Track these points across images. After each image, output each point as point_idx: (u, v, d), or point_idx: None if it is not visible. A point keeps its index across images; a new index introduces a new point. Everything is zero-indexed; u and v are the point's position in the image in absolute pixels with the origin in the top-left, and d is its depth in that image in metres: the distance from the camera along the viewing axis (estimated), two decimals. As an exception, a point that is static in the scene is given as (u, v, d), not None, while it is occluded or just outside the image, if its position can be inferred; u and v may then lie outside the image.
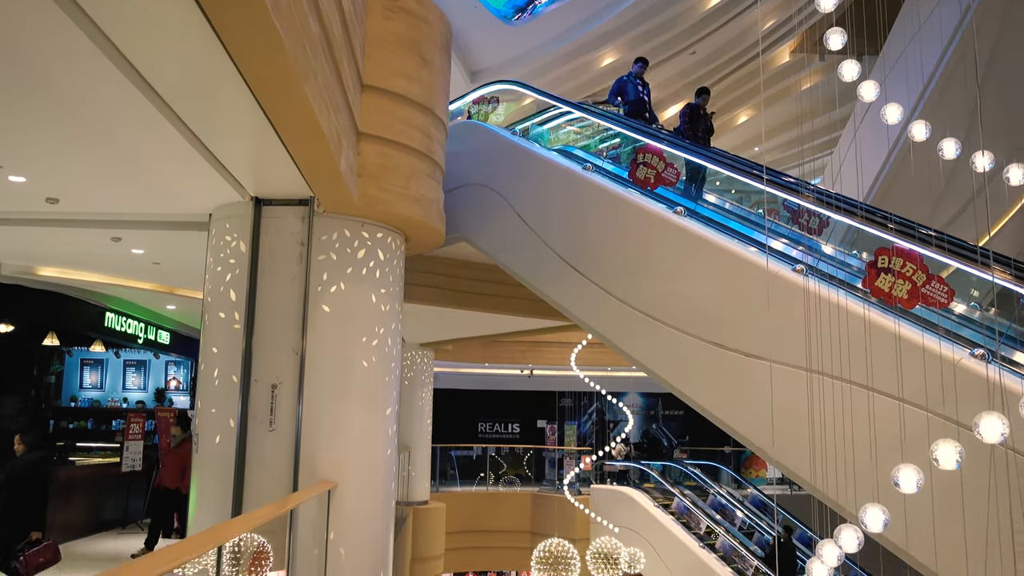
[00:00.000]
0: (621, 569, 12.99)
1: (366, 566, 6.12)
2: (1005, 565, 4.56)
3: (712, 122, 10.18)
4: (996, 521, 4.58)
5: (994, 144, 4.64)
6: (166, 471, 10.50)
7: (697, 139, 9.61)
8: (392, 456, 6.50)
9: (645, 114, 10.10)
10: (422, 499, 14.73)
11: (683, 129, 9.72)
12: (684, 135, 9.54)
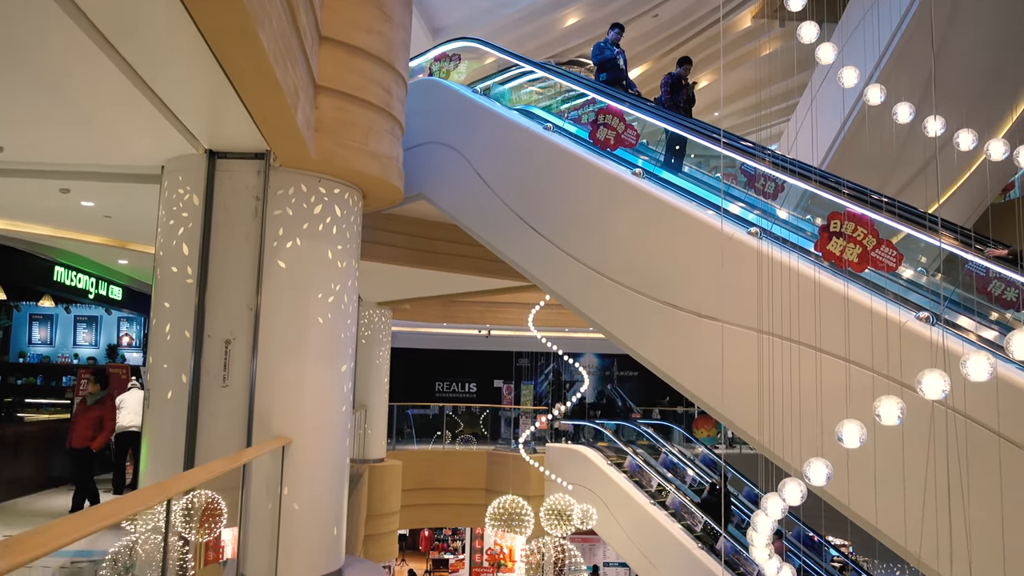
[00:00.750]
0: (574, 525, 13.26)
1: (320, 521, 6.15)
2: (941, 520, 4.76)
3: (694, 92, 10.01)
4: (934, 478, 4.77)
5: (948, 112, 4.73)
6: (76, 429, 9.98)
7: (678, 109, 9.47)
8: (347, 413, 6.51)
9: (623, 82, 9.96)
10: (378, 457, 14.80)
11: (664, 99, 9.58)
12: (665, 105, 9.44)
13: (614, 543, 15.46)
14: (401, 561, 23.85)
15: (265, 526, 5.77)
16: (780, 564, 4.35)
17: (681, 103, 9.60)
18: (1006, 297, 5.93)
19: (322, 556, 6.21)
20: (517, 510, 13.80)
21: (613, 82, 9.68)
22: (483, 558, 21.01)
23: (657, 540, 14.01)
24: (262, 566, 5.75)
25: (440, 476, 17.20)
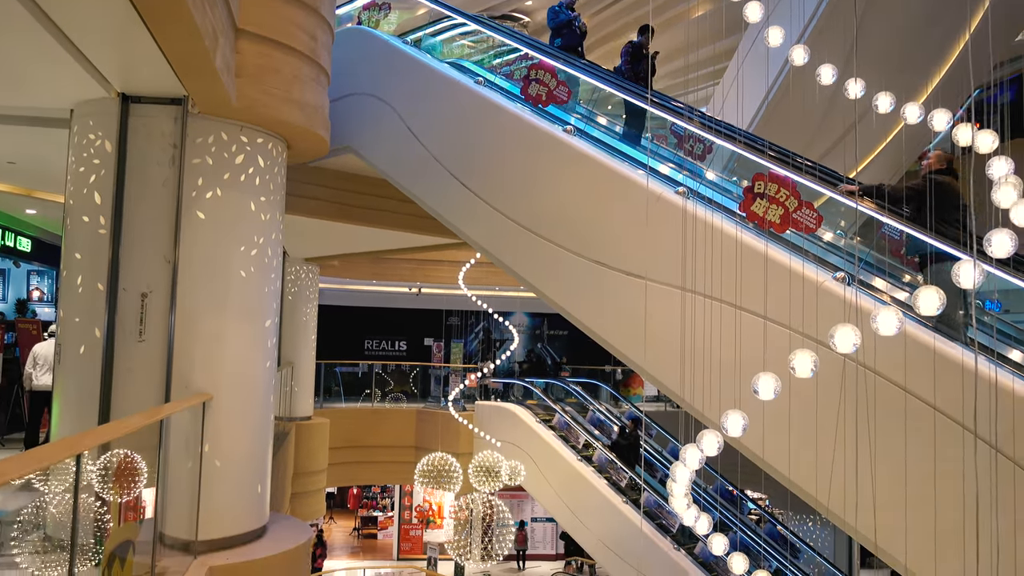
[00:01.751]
0: (502, 482, 13.43)
1: (243, 479, 6.06)
2: (849, 471, 4.98)
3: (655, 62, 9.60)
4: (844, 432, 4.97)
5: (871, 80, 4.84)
6: None
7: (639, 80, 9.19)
8: (271, 369, 6.39)
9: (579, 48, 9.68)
10: (305, 415, 14.65)
11: (624, 69, 9.32)
12: (624, 75, 9.20)
13: (542, 499, 15.75)
14: (329, 519, 23.85)
15: (185, 484, 5.65)
16: (698, 513, 4.49)
17: (642, 73, 9.34)
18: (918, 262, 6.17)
19: (245, 514, 6.12)
20: (446, 467, 13.90)
21: (568, 48, 9.37)
22: (412, 515, 21.15)
23: (584, 495, 14.32)
24: (183, 524, 5.64)
25: (369, 434, 17.16)
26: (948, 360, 5.01)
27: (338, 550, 21.58)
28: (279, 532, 6.47)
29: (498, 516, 13.06)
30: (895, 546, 5.19)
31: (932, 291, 3.44)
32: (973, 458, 4.68)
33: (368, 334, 22.74)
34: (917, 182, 5.78)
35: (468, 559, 13.04)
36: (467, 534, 12.99)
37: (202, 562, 5.45)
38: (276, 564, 5.89)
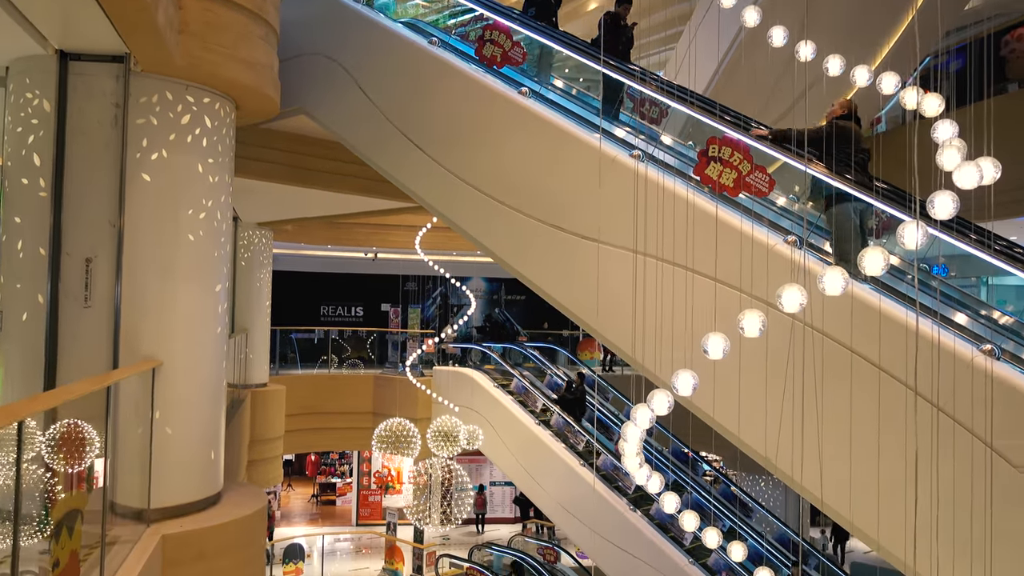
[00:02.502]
0: (460, 446, 13.52)
1: (195, 446, 5.99)
2: (796, 431, 5.10)
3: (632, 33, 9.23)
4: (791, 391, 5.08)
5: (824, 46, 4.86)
6: None
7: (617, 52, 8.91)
8: (222, 334, 6.29)
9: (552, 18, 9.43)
10: (261, 382, 14.51)
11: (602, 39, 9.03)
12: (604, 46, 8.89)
13: (500, 463, 15.89)
14: (287, 486, 23.81)
15: (136, 452, 5.57)
16: (650, 473, 4.57)
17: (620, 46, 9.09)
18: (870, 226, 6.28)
19: (199, 481, 6.07)
20: (404, 432, 13.94)
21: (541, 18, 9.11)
22: (371, 481, 21.21)
23: (541, 458, 14.48)
24: (134, 493, 5.58)
25: (326, 400, 17.09)
26: (893, 321, 5.13)
27: (297, 517, 21.58)
28: (234, 499, 6.43)
29: (457, 480, 13.16)
30: (840, 502, 5.35)
31: (877, 252, 3.51)
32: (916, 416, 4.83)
33: (324, 300, 22.53)
34: (820, 126, 5.93)
35: (427, 523, 13.15)
36: (426, 499, 13.08)
37: (155, 530, 5.40)
38: (231, 531, 5.86)
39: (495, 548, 16.53)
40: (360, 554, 17.90)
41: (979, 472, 4.99)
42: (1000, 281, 10.21)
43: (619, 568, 13.18)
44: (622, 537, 13.01)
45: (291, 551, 15.80)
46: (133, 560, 4.80)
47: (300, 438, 16.35)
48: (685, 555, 12.39)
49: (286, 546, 15.83)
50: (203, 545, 5.63)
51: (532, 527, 19.04)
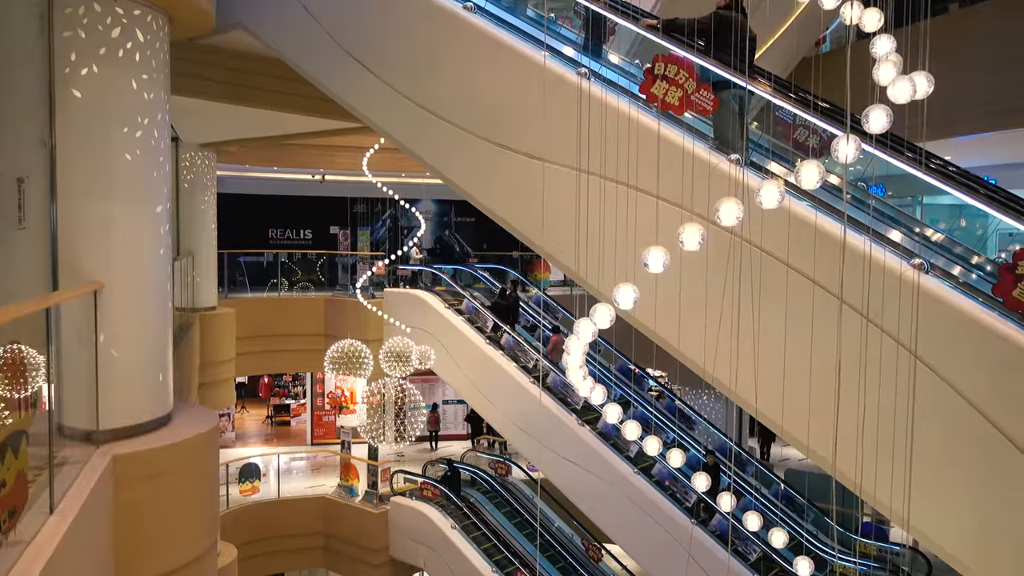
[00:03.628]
0: (412, 366, 13.67)
1: (142, 367, 5.98)
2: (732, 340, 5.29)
3: None
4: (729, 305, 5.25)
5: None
6: None
7: None
8: (165, 256, 6.21)
9: None
10: (209, 305, 14.38)
11: None
12: None
13: (452, 381, 16.15)
14: (241, 408, 23.88)
15: (82, 374, 5.54)
16: (593, 385, 4.72)
17: None
18: (809, 144, 6.40)
19: (148, 402, 6.08)
20: (356, 353, 14.02)
21: None
22: (324, 402, 21.38)
23: (492, 377, 14.75)
24: (82, 415, 5.57)
25: (277, 323, 17.03)
26: (828, 237, 5.30)
27: (252, 438, 21.74)
28: (185, 420, 6.47)
29: (410, 399, 13.36)
30: (773, 409, 5.61)
31: (812, 166, 3.61)
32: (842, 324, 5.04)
33: (272, 223, 22.16)
34: (706, 16, 6.02)
35: (381, 441, 13.37)
36: (379, 418, 13.27)
37: (105, 451, 5.43)
38: (182, 450, 5.92)
39: (448, 463, 16.95)
40: (316, 472, 18.18)
41: (903, 380, 5.27)
42: (933, 200, 10.53)
43: (568, 480, 13.67)
44: (571, 450, 13.45)
45: (247, 470, 15.97)
46: (84, 479, 4.83)
47: (252, 361, 16.34)
48: (631, 465, 12.89)
49: (242, 465, 15.99)
50: (155, 464, 5.68)
51: (484, 443, 19.51)
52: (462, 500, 15.70)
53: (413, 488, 15.94)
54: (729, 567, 11.04)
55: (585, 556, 15.42)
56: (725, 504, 5.82)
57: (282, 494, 16.18)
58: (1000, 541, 5.50)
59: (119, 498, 5.37)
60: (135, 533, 5.51)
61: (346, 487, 16.28)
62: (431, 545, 14.88)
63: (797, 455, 19.86)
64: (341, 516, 15.89)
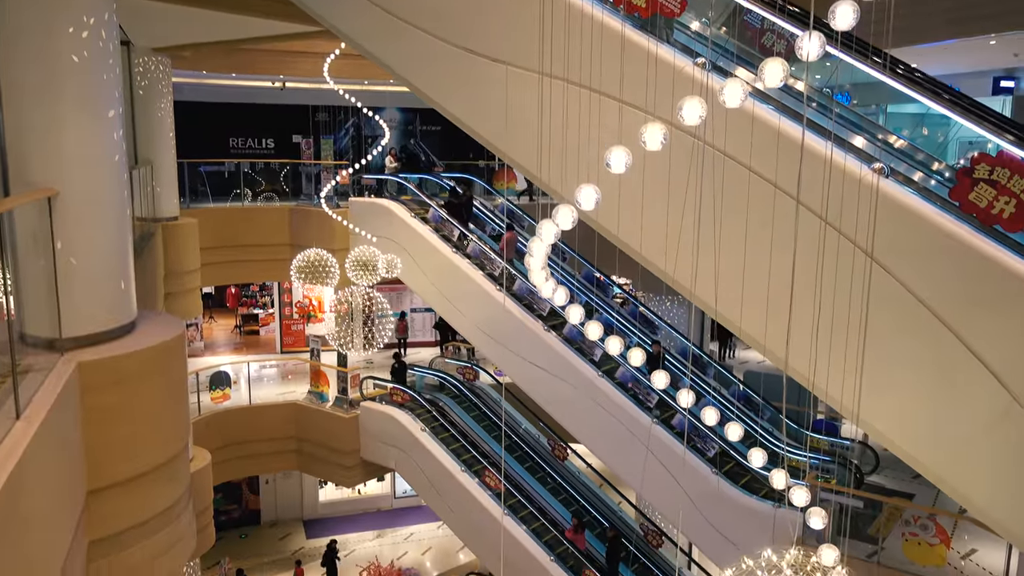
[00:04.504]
0: (379, 275, 13.70)
1: (102, 275, 5.93)
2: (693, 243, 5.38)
3: None
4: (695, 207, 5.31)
5: None
6: None
7: None
8: (121, 163, 6.07)
9: None
10: (171, 215, 14.15)
11: None
12: None
13: (419, 290, 16.23)
14: (209, 319, 23.84)
15: (41, 282, 5.49)
16: (555, 286, 4.79)
17: None
18: (775, 50, 6.35)
19: (110, 310, 6.06)
20: (322, 263, 13.99)
21: None
22: (293, 311, 21.40)
23: (459, 284, 14.84)
24: (44, 323, 5.55)
25: (242, 233, 16.86)
26: (790, 141, 5.34)
27: (221, 347, 21.80)
28: (150, 328, 6.47)
29: (378, 308, 13.44)
30: (732, 310, 5.76)
31: (776, 63, 3.60)
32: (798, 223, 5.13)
33: (233, 132, 21.57)
34: None
35: (350, 349, 13.50)
36: (348, 326, 13.36)
37: (70, 358, 5.44)
38: (147, 357, 5.94)
39: (417, 369, 17.21)
40: (286, 379, 18.37)
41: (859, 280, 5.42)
42: (897, 109, 10.58)
43: (535, 384, 13.99)
44: (537, 356, 13.72)
45: (217, 378, 16.09)
46: (49, 386, 4.86)
47: (218, 271, 16.25)
48: (595, 369, 13.20)
49: (212, 373, 16.09)
50: (121, 371, 5.71)
51: (452, 349, 19.77)
52: (431, 404, 16.04)
53: (383, 393, 16.21)
54: (685, 459, 11.51)
55: (551, 456, 15.94)
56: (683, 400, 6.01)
57: (253, 401, 16.38)
58: (947, 434, 5.80)
59: (87, 404, 5.42)
60: (105, 438, 5.58)
61: (316, 393, 16.51)
62: (401, 447, 15.27)
63: (756, 358, 20.45)
64: (312, 421, 16.17)
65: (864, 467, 12.74)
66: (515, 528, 13.55)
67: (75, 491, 5.19)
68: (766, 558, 4.59)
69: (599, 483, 16.20)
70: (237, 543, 19.30)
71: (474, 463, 14.76)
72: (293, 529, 20.18)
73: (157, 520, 6.08)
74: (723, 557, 10.86)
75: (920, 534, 9.71)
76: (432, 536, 20.01)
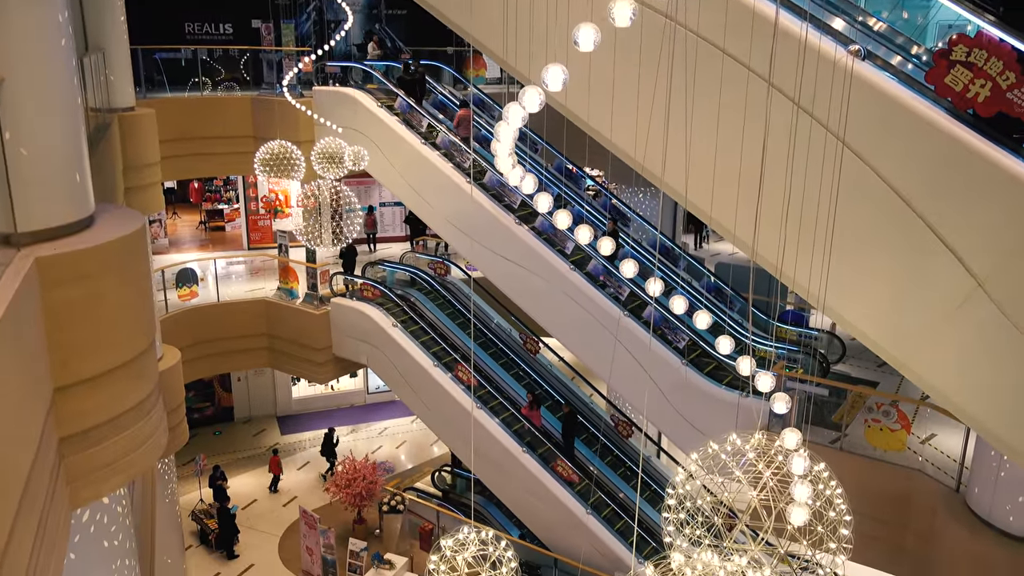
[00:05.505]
0: (346, 168, 13.40)
1: (56, 167, 5.69)
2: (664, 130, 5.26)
3: None
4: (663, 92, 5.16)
5: None
6: None
7: None
8: (68, 48, 5.73)
9: None
10: (127, 105, 13.58)
11: None
12: None
13: (388, 183, 15.98)
14: (173, 214, 23.40)
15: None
16: (523, 174, 4.68)
17: None
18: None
19: (66, 204, 5.85)
20: (286, 155, 13.61)
21: None
22: (259, 206, 21.03)
23: (428, 176, 14.61)
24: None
25: (202, 125, 16.32)
26: (764, 22, 5.16)
27: (186, 244, 21.49)
28: (110, 222, 6.28)
29: (345, 201, 13.20)
30: (702, 198, 5.71)
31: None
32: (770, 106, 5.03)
33: (188, 16, 20.46)
34: None
35: (319, 244, 13.34)
36: (315, 221, 13.16)
37: (27, 253, 5.28)
38: (108, 251, 5.79)
39: (387, 264, 17.14)
40: (255, 276, 18.22)
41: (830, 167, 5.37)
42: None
43: (507, 279, 14.02)
44: (509, 249, 13.69)
45: (183, 275, 15.91)
46: (7, 281, 4.72)
47: (179, 164, 15.79)
48: (567, 262, 13.23)
49: (178, 270, 15.90)
50: (81, 266, 5.57)
51: (422, 244, 19.68)
52: (402, 300, 16.05)
53: (353, 288, 16.17)
54: (651, 347, 11.72)
55: (523, 350, 16.17)
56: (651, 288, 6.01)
57: (222, 298, 16.28)
58: (912, 321, 5.91)
59: (48, 300, 5.30)
60: (69, 334, 5.50)
61: (286, 290, 16.43)
62: (373, 343, 15.35)
63: (728, 250, 20.64)
64: (283, 318, 16.15)
65: (831, 356, 13.10)
66: (487, 421, 13.86)
67: (40, 388, 5.14)
68: (731, 442, 4.71)
69: (571, 376, 16.52)
70: (212, 440, 19.62)
71: (446, 356, 14.91)
72: (267, 425, 20.52)
73: (127, 416, 6.08)
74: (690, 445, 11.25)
75: (882, 420, 10.09)
76: (406, 430, 20.48)
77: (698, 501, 4.69)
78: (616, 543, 12.76)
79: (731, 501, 4.76)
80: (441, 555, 5.51)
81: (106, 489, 5.97)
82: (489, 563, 5.34)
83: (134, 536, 7.38)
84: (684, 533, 4.63)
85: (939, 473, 9.64)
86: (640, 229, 16.13)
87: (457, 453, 16.07)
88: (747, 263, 15.81)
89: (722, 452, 4.77)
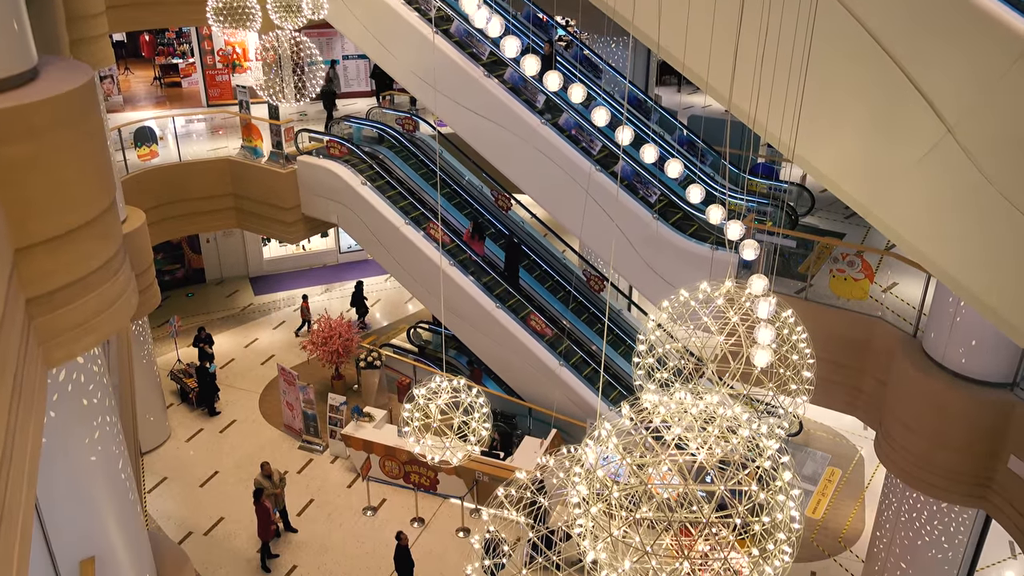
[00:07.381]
0: (304, 16, 12.72)
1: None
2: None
3: None
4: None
5: None
6: None
7: None
8: None
9: None
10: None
11: None
12: None
13: (350, 33, 15.26)
14: (125, 70, 22.35)
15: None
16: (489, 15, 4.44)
17: None
18: None
19: (4, 55, 5.50)
20: (241, 4, 12.89)
21: None
22: (215, 60, 20.10)
23: (392, 25, 13.97)
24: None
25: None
26: None
27: (142, 101, 20.66)
28: (56, 74, 5.95)
29: (307, 54, 12.64)
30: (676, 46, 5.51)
31: None
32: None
33: None
34: None
35: (281, 100, 12.86)
36: (276, 74, 12.63)
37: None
38: (56, 104, 5.51)
39: (353, 120, 16.67)
40: (216, 134, 17.64)
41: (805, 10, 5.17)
42: None
43: (478, 134, 13.71)
44: (479, 103, 13.32)
45: (141, 134, 15.35)
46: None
47: (125, 14, 14.88)
48: (538, 116, 12.94)
49: (135, 129, 15.32)
50: (30, 121, 5.31)
51: (389, 98, 19.09)
52: (371, 157, 15.72)
53: (319, 147, 15.77)
54: (619, 199, 11.71)
55: (495, 207, 16.08)
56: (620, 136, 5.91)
57: (183, 158, 15.82)
58: (881, 168, 5.89)
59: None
60: (23, 193, 5.32)
61: (250, 148, 15.98)
62: (343, 202, 15.15)
63: (701, 102, 20.28)
64: (249, 177, 15.79)
65: (800, 208, 13.19)
66: (460, 277, 13.94)
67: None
68: (702, 290, 4.77)
69: (543, 232, 16.54)
70: (185, 302, 19.61)
71: (415, 212, 14.80)
72: (240, 286, 20.48)
73: (94, 277, 5.99)
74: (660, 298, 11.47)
75: (847, 270, 10.30)
76: (380, 289, 20.59)
77: (667, 346, 4.81)
78: (588, 392, 13.23)
79: (700, 349, 4.89)
80: (415, 403, 5.66)
81: (79, 349, 5.98)
82: (461, 409, 5.51)
83: (113, 395, 7.47)
84: (655, 377, 4.77)
85: (899, 320, 9.95)
86: (612, 81, 15.71)
87: (431, 309, 16.27)
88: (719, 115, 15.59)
89: (693, 300, 4.85)
